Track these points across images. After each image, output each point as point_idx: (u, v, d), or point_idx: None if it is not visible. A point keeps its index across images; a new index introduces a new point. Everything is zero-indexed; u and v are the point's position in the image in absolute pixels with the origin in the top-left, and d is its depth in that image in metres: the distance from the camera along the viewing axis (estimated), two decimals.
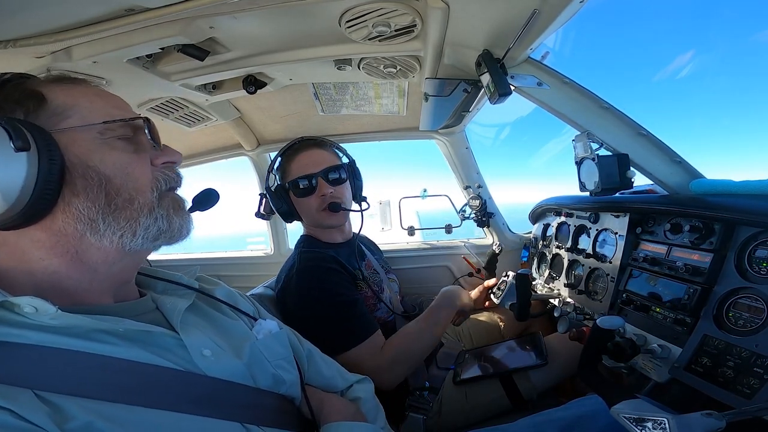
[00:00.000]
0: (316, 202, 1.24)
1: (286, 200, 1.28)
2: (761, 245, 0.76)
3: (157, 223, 0.54)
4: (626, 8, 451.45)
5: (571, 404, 0.83)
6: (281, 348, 0.68)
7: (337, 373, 0.81)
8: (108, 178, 0.51)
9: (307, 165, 1.25)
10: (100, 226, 0.50)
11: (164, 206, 0.55)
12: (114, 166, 0.52)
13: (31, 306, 0.43)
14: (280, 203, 1.28)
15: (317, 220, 1.28)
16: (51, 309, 0.44)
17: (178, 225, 0.57)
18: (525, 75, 0.95)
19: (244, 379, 0.58)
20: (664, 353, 0.84)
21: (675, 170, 0.97)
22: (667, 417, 0.51)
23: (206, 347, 0.56)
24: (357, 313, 1.10)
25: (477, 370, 1.19)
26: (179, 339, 0.54)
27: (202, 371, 0.53)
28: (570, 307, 1.22)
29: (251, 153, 1.94)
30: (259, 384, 0.60)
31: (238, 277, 2.27)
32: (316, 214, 1.26)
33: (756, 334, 0.70)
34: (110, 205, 0.51)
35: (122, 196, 0.52)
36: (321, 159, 1.27)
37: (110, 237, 0.51)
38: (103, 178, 0.51)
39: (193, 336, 0.56)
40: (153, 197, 0.54)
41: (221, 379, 0.55)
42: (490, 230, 1.92)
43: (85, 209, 0.50)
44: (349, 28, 0.89)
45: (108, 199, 0.51)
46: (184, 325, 0.57)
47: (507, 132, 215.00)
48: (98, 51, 0.89)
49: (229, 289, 0.75)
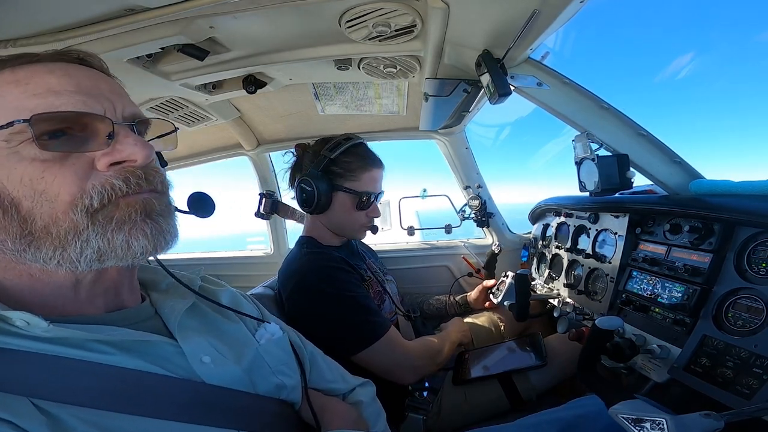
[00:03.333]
0: (364, 219, 1.25)
1: (329, 194, 1.19)
2: (761, 246, 0.76)
3: (90, 245, 0.42)
4: (626, 9, 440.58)
5: (569, 404, 0.83)
6: (282, 353, 0.66)
7: (339, 376, 0.79)
8: (16, 202, 0.40)
9: (377, 183, 1.25)
10: (27, 257, 0.41)
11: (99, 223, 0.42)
12: (22, 185, 0.40)
13: (23, 320, 0.40)
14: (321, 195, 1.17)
15: (352, 232, 1.28)
16: (42, 323, 0.40)
17: (122, 243, 0.43)
18: (525, 75, 0.95)
19: (243, 385, 0.56)
20: (663, 353, 0.84)
21: (674, 170, 0.97)
22: (666, 417, 0.51)
23: (206, 353, 0.53)
24: (372, 311, 1.11)
25: (476, 371, 1.19)
26: (178, 346, 0.51)
27: (201, 378, 0.51)
28: (569, 308, 1.22)
29: (251, 153, 1.94)
30: (259, 390, 0.58)
31: (238, 276, 2.27)
32: (357, 228, 1.26)
33: (755, 335, 0.70)
34: (25, 237, 0.41)
35: (37, 224, 0.41)
36: (381, 180, 1.28)
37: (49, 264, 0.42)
38: (9, 203, 0.40)
39: (192, 342, 0.53)
40: (77, 217, 0.41)
41: (220, 387, 0.52)
42: (489, 230, 1.92)
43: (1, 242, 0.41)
44: (349, 28, 0.89)
45: (22, 228, 0.40)
46: (183, 330, 0.53)
47: (507, 132, 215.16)
48: (98, 50, 0.89)
49: (234, 291, 0.72)
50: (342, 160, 1.19)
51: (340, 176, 1.19)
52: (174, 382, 0.48)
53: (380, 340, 1.06)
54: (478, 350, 1.32)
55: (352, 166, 1.20)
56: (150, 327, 0.52)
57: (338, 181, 1.18)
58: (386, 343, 1.07)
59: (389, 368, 1.09)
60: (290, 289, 1.13)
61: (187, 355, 0.51)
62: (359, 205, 1.21)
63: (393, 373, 1.09)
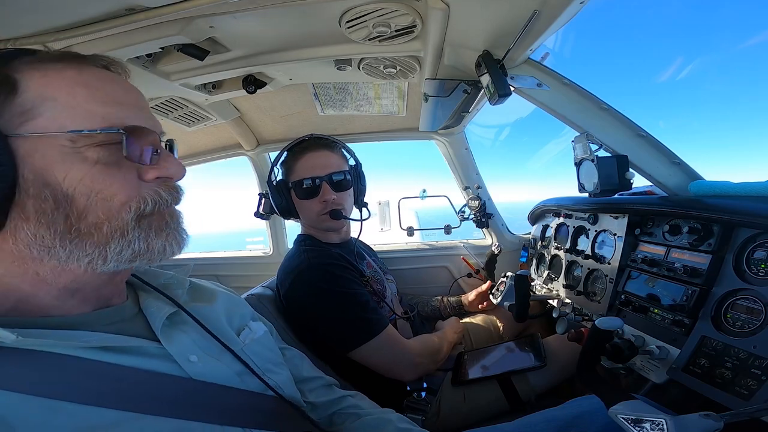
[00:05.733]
0: (317, 206, 1.23)
1: (286, 197, 1.27)
2: (759, 247, 0.76)
3: (131, 246, 0.46)
4: (626, 9, 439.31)
5: (568, 404, 0.83)
6: (268, 351, 0.68)
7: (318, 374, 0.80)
8: (70, 198, 0.42)
9: (314, 167, 1.22)
10: (60, 253, 0.43)
11: (143, 227, 0.47)
12: (81, 183, 0.43)
13: None
14: (280, 199, 1.27)
15: (316, 223, 1.27)
16: (9, 337, 0.39)
17: (159, 247, 0.48)
18: (525, 76, 0.95)
19: (233, 383, 0.56)
20: (662, 354, 0.85)
21: (674, 171, 0.98)
22: (665, 418, 0.51)
23: (192, 353, 0.53)
24: (370, 308, 1.11)
25: (475, 372, 1.19)
26: (162, 348, 0.51)
27: (189, 376, 0.51)
28: (569, 308, 1.22)
29: (251, 153, 1.93)
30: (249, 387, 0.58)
31: (237, 276, 2.27)
32: (316, 218, 1.25)
33: (754, 336, 0.71)
34: (71, 232, 0.43)
35: (87, 221, 0.43)
36: (327, 162, 1.25)
37: (76, 262, 0.44)
38: (63, 198, 0.42)
39: (178, 342, 0.53)
40: (128, 218, 0.45)
41: (209, 383, 0.52)
42: (489, 231, 1.92)
43: (37, 236, 0.42)
44: (349, 28, 0.89)
45: (68, 224, 0.42)
46: (168, 330, 0.53)
47: (507, 133, 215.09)
48: (98, 50, 0.87)
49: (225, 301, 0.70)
50: (284, 161, 1.28)
51: (286, 175, 1.28)
52: (159, 377, 0.48)
53: (379, 336, 1.06)
54: (477, 351, 1.32)
55: (289, 162, 1.27)
56: (133, 326, 0.53)
57: (286, 181, 1.27)
58: (385, 339, 1.07)
59: (389, 365, 1.09)
60: (288, 286, 1.13)
61: (174, 356, 0.51)
62: (300, 194, 1.24)
63: (392, 369, 1.09)
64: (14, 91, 0.42)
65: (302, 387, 0.74)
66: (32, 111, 0.42)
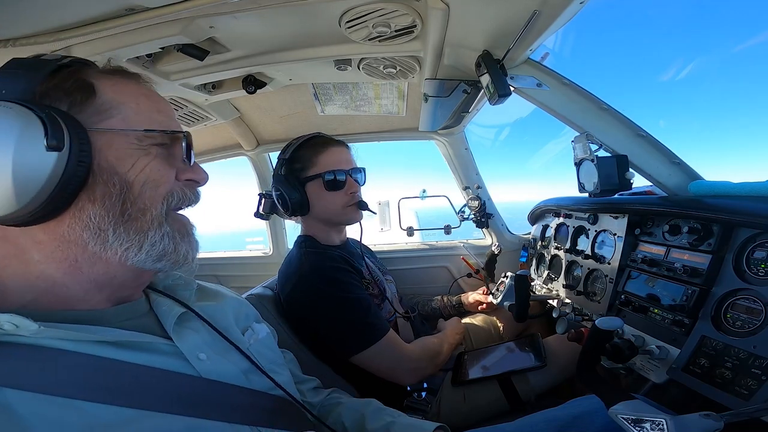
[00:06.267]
0: (344, 199, 1.24)
1: (299, 190, 1.23)
2: (759, 247, 0.76)
3: (163, 241, 0.51)
4: (626, 9, 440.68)
5: (568, 404, 0.83)
6: (270, 352, 0.70)
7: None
8: (130, 185, 0.49)
9: (339, 161, 1.25)
10: (109, 236, 0.48)
11: (171, 224, 0.53)
12: (142, 174, 0.50)
13: (11, 323, 0.41)
14: (294, 193, 1.22)
15: (339, 216, 1.27)
16: (32, 326, 0.41)
17: (184, 251, 0.54)
18: (525, 76, 0.96)
19: (239, 382, 0.58)
20: (662, 354, 0.85)
21: (674, 171, 0.98)
22: (665, 418, 0.51)
23: (202, 351, 0.55)
24: (372, 312, 1.11)
25: (476, 372, 1.19)
26: (173, 345, 0.53)
27: (199, 374, 0.53)
28: (568, 308, 1.22)
29: (250, 153, 1.94)
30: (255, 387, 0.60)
31: (237, 277, 2.27)
32: (340, 209, 1.25)
33: (754, 336, 0.71)
34: (123, 215, 0.49)
35: (137, 206, 0.50)
36: (348, 158, 1.29)
37: (115, 249, 0.49)
38: (125, 185, 0.49)
39: (188, 341, 0.55)
40: (162, 210, 0.52)
41: (217, 381, 0.54)
42: (489, 231, 1.92)
43: (97, 218, 0.47)
44: (349, 28, 0.89)
45: (123, 208, 0.49)
46: (179, 329, 0.55)
47: (506, 133, 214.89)
48: (98, 50, 0.89)
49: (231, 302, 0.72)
50: (297, 155, 1.24)
51: (302, 170, 1.23)
52: (171, 376, 0.50)
53: (380, 342, 1.06)
54: (477, 351, 1.32)
55: (307, 154, 1.24)
56: (145, 322, 0.55)
57: (302, 175, 1.22)
58: (386, 344, 1.07)
59: (389, 369, 1.09)
60: (290, 289, 1.12)
61: (185, 354, 0.53)
62: (328, 185, 1.22)
63: (393, 374, 1.10)
64: (93, 94, 0.49)
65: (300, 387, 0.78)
66: (108, 112, 0.50)
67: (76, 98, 0.48)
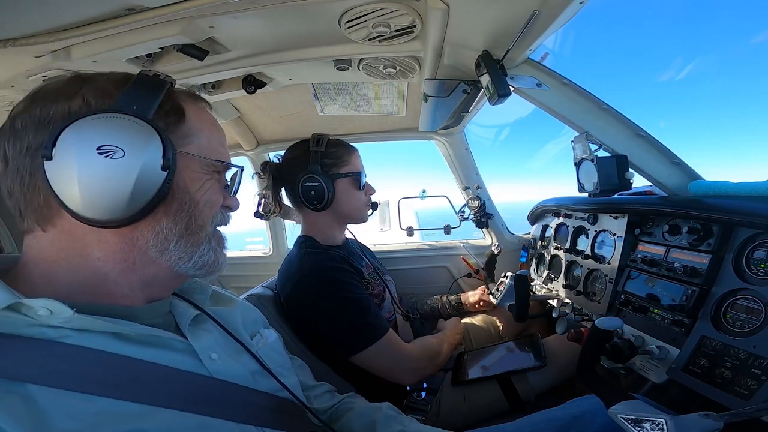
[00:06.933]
0: (366, 198, 1.32)
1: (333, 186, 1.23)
2: (759, 247, 0.76)
3: (208, 254, 0.57)
4: (626, 9, 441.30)
5: (568, 404, 0.83)
6: (278, 356, 0.73)
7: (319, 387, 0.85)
8: (196, 204, 0.55)
9: (361, 163, 1.32)
10: (170, 246, 0.53)
11: (214, 239, 0.59)
12: (205, 196, 0.56)
13: (46, 309, 0.43)
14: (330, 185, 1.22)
15: (359, 213, 1.32)
16: (67, 312, 0.43)
17: (221, 261, 0.60)
18: (524, 76, 0.96)
19: (248, 383, 0.60)
20: (662, 354, 0.85)
21: (673, 171, 0.98)
22: (665, 418, 0.51)
23: (214, 351, 0.58)
24: (372, 312, 1.11)
25: (475, 372, 1.19)
26: (188, 343, 0.56)
27: (210, 373, 0.55)
28: (568, 308, 1.22)
29: (250, 153, 1.93)
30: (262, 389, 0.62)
31: (237, 277, 2.27)
32: (362, 208, 1.32)
33: (754, 336, 0.71)
34: (187, 230, 0.54)
35: (197, 223, 0.55)
36: None
37: (170, 257, 0.53)
38: (193, 204, 0.54)
39: (202, 340, 0.58)
40: (211, 229, 0.58)
41: (227, 381, 0.56)
42: (488, 231, 1.92)
43: (166, 230, 0.52)
44: (349, 28, 0.89)
45: (188, 223, 0.54)
46: (194, 329, 0.58)
47: (506, 133, 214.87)
48: (98, 50, 0.89)
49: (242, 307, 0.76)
50: (329, 151, 1.25)
51: (334, 165, 1.25)
52: (182, 374, 0.51)
53: (380, 341, 1.06)
54: (477, 351, 1.32)
55: (339, 152, 1.27)
56: (164, 321, 0.58)
57: (333, 170, 1.24)
58: (386, 344, 1.08)
59: (389, 369, 1.09)
60: (290, 289, 1.13)
61: (198, 352, 0.55)
62: (359, 185, 1.27)
63: (392, 373, 1.10)
64: (183, 117, 0.54)
65: (307, 393, 0.79)
66: (191, 136, 0.55)
67: (171, 120, 0.53)
